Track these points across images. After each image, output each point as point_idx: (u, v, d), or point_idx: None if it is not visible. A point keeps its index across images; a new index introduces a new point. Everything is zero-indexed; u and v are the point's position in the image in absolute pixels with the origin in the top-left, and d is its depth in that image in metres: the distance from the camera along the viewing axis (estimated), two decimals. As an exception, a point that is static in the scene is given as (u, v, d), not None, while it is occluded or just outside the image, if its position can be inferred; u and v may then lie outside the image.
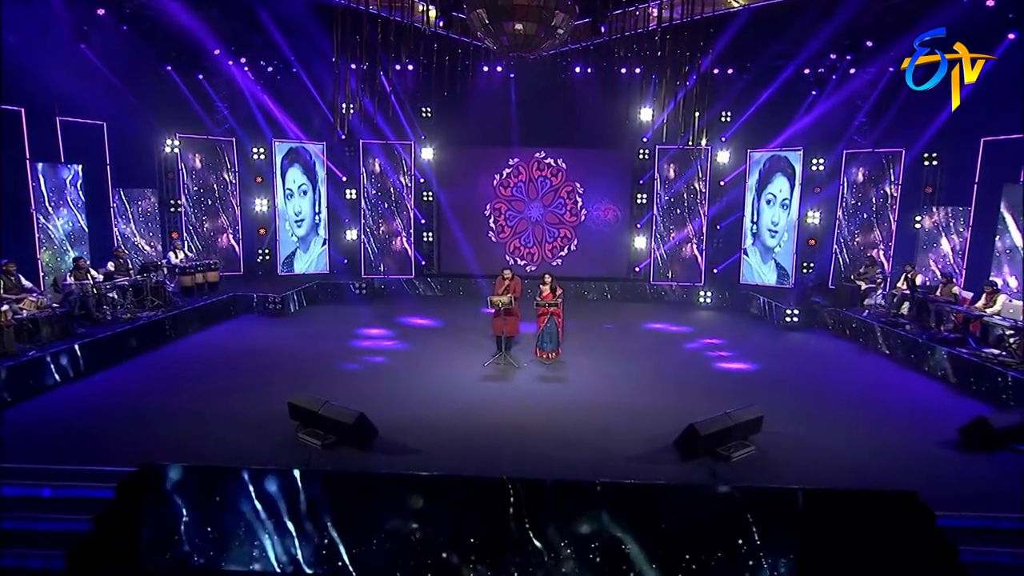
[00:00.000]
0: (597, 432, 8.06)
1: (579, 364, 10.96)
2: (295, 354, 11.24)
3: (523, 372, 10.46)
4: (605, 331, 13.56)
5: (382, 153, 16.91)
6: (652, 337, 13.22)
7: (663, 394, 9.59)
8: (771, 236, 16.59)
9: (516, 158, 17.39)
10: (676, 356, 11.74)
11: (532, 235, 17.80)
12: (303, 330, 12.93)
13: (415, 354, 11.46)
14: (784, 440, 7.85)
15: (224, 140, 16.07)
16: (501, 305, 10.48)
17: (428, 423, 8.22)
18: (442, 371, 10.45)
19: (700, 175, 16.80)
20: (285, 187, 16.69)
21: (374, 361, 11.00)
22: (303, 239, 17.10)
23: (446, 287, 17.28)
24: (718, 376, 10.54)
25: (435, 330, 13.32)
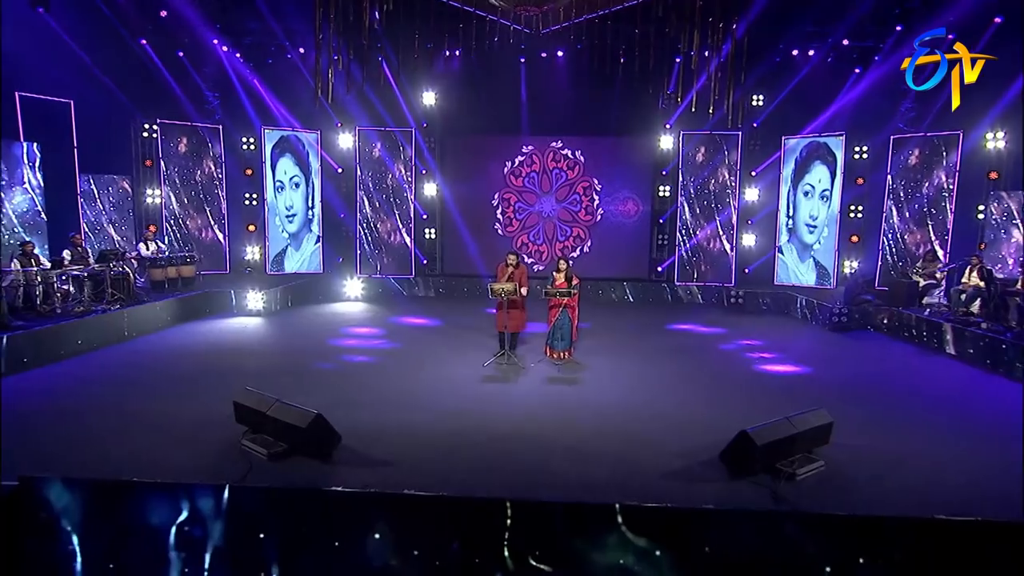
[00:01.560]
0: (619, 442, 6.42)
1: (596, 365, 9.34)
2: (267, 353, 9.74)
3: (529, 373, 8.86)
4: (625, 331, 11.93)
5: (380, 142, 15.53)
6: (680, 337, 11.56)
7: (698, 398, 7.92)
8: (809, 232, 14.92)
9: (530, 146, 15.94)
10: (710, 357, 10.08)
11: (543, 231, 16.27)
12: (283, 329, 11.45)
13: (406, 353, 9.91)
14: (859, 454, 6.15)
15: (209, 127, 14.79)
16: (503, 294, 8.91)
17: (408, 429, 6.64)
18: (434, 371, 8.88)
19: (728, 164, 15.21)
20: (275, 179, 15.36)
21: (356, 360, 9.46)
22: (295, 236, 15.72)
23: (449, 287, 15.77)
24: (762, 379, 8.86)
25: (432, 329, 11.77)
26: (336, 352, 9.82)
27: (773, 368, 9.41)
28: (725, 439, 6.00)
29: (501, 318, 9.28)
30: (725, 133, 15.02)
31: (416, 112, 15.50)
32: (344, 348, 10.11)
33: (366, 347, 10.22)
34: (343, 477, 5.52)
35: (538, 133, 15.80)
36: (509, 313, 9.24)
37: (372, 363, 9.35)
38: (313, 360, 9.30)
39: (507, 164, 16.04)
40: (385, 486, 5.31)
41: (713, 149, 15.24)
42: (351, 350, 10.01)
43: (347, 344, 10.38)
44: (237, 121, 15.10)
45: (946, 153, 13.40)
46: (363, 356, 9.68)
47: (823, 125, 14.52)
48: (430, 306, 14.21)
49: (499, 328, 9.45)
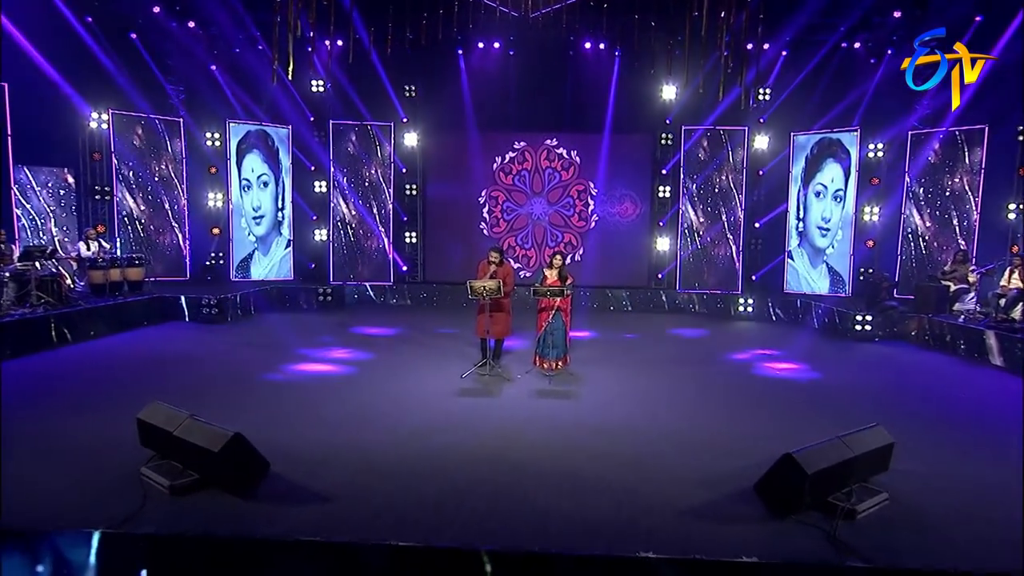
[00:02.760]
0: (626, 470, 5.15)
1: (594, 377, 8.09)
2: (210, 364, 8.42)
3: (515, 386, 7.59)
4: (625, 340, 10.69)
5: (357, 137, 14.35)
6: (686, 346, 10.33)
7: (716, 415, 6.67)
8: (821, 235, 13.79)
9: (522, 142, 14.80)
10: (723, 368, 8.84)
11: (531, 235, 15.07)
12: (238, 339, 10.13)
13: (373, 365, 8.61)
14: (927, 483, 4.92)
15: (168, 120, 13.56)
16: (485, 292, 7.66)
17: (360, 455, 5.35)
18: (403, 384, 7.60)
19: (732, 162, 14.11)
20: (242, 177, 14.11)
21: (312, 372, 8.15)
22: (263, 239, 14.43)
23: (431, 295, 14.50)
24: (786, 392, 7.62)
25: (407, 339, 10.49)
26: (292, 362, 8.51)
27: (796, 380, 8.17)
28: (755, 464, 4.77)
29: (483, 322, 8.02)
30: (730, 128, 13.94)
31: (395, 106, 14.35)
32: (302, 358, 8.80)
33: (328, 358, 8.92)
34: (266, 518, 4.22)
35: (529, 129, 14.67)
36: (492, 316, 7.99)
37: (331, 375, 8.04)
38: (261, 372, 7.98)
39: (497, 160, 14.88)
40: (320, 531, 4.03)
41: (717, 145, 14.14)
42: (309, 360, 8.70)
43: (306, 354, 9.07)
44: (200, 114, 13.88)
45: (970, 149, 12.34)
46: (322, 367, 8.37)
47: (836, 120, 13.46)
48: (408, 315, 12.93)
49: (480, 334, 8.19)
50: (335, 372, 8.16)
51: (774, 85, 13.84)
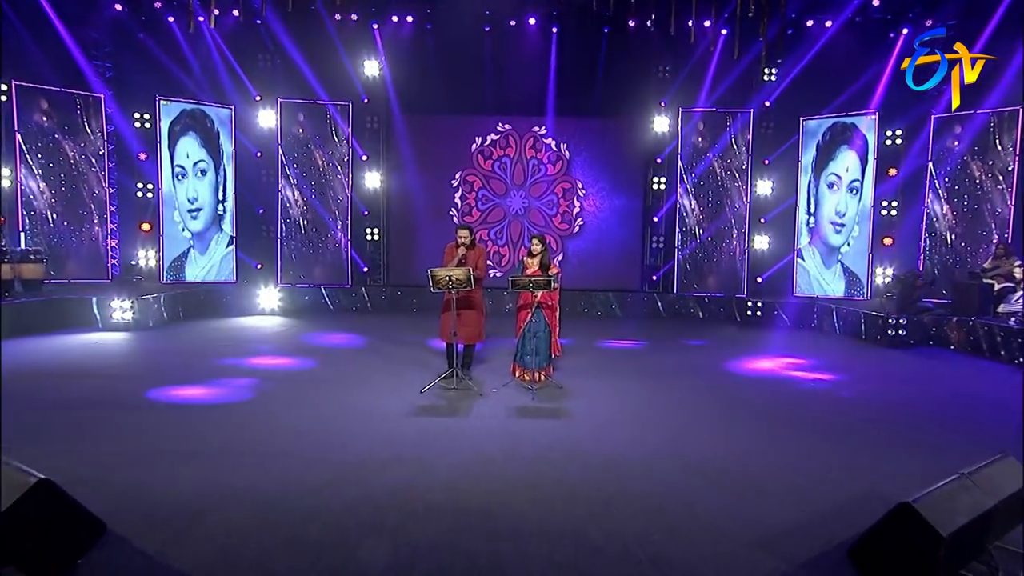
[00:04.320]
0: (645, 524, 3.70)
1: (586, 390, 6.63)
2: (98, 380, 6.77)
3: (489, 402, 6.10)
4: (620, 348, 9.27)
5: (310, 119, 12.83)
6: (692, 355, 8.93)
7: (753, 441, 5.24)
8: (836, 232, 12.55)
9: (508, 125, 13.40)
10: (742, 380, 7.42)
11: (507, 231, 13.63)
12: (150, 347, 8.50)
13: (314, 377, 7.05)
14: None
15: (88, 96, 11.91)
16: (450, 283, 6.17)
17: (260, 506, 3.82)
18: (347, 401, 6.06)
19: (735, 148, 12.86)
20: (174, 163, 12.48)
21: (232, 387, 6.56)
22: (200, 236, 12.78)
23: (395, 299, 12.96)
24: (829, 408, 6.22)
25: (362, 347, 8.96)
26: (209, 376, 6.90)
27: (835, 394, 6.78)
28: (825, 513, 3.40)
29: (448, 323, 6.52)
30: (734, 111, 12.70)
31: (355, 84, 12.88)
32: (223, 370, 7.20)
33: (258, 369, 7.34)
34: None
35: (513, 112, 13.30)
36: (460, 316, 6.50)
37: (256, 390, 6.46)
38: (161, 388, 6.37)
39: (477, 140, 13.44)
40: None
41: (718, 130, 12.88)
42: (233, 372, 7.10)
43: (230, 365, 7.47)
44: (126, 89, 12.27)
45: (1004, 132, 11.21)
46: (246, 382, 6.77)
47: (850, 102, 12.27)
48: (366, 321, 11.37)
49: (445, 338, 6.69)
50: (261, 388, 6.58)
51: (781, 63, 12.64)
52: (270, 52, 12.65)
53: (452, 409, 5.91)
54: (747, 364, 8.25)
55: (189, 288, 11.89)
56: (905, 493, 3.01)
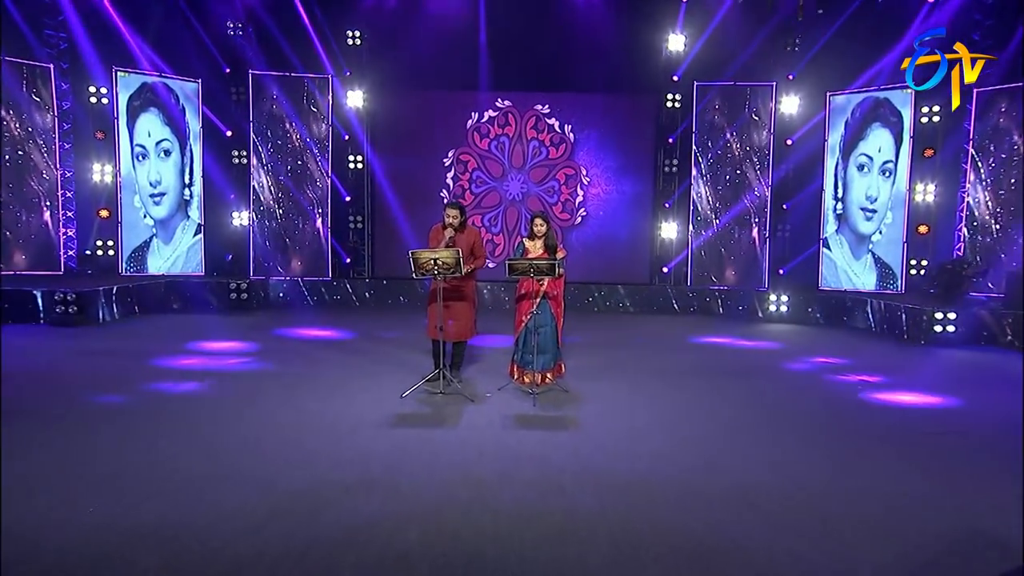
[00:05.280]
0: (678, 563, 2.86)
1: (596, 394, 5.81)
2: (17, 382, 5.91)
3: (482, 409, 5.28)
4: (631, 345, 8.46)
5: (285, 94, 11.98)
6: (715, 354, 8.10)
7: (809, 457, 4.41)
8: (866, 218, 11.74)
9: (507, 101, 12.57)
10: (778, 382, 6.60)
11: (503, 217, 12.81)
12: (96, 346, 7.63)
13: (276, 379, 6.20)
14: None
15: (35, 66, 11.02)
16: (436, 268, 5.34)
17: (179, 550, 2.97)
18: (314, 408, 5.23)
19: (757, 126, 12.06)
20: (134, 143, 11.62)
21: (178, 391, 5.71)
22: (163, 223, 11.92)
23: (380, 293, 12.13)
24: (886, 418, 5.40)
25: (338, 344, 8.12)
26: (150, 378, 6.05)
27: (894, 400, 5.96)
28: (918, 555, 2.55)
29: (434, 316, 5.68)
30: (754, 85, 11.90)
31: (336, 54, 12.05)
32: (168, 372, 6.34)
33: (210, 370, 6.49)
34: None
35: (512, 88, 12.47)
36: (448, 308, 5.68)
37: (202, 396, 5.61)
38: (94, 391, 5.53)
39: (473, 116, 12.60)
40: None
41: (736, 107, 12.08)
42: (179, 374, 6.25)
43: (183, 365, 6.62)
44: (79, 59, 11.39)
45: (1054, 106, 10.41)
46: (194, 385, 5.93)
47: (883, 75, 11.46)
48: (347, 316, 10.54)
49: (431, 334, 5.85)
50: (209, 393, 5.73)
51: (805, 32, 11.84)
52: (240, 19, 11.78)
53: (437, 418, 5.07)
54: (779, 364, 7.44)
55: (150, 281, 11.03)
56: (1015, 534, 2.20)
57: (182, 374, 6.25)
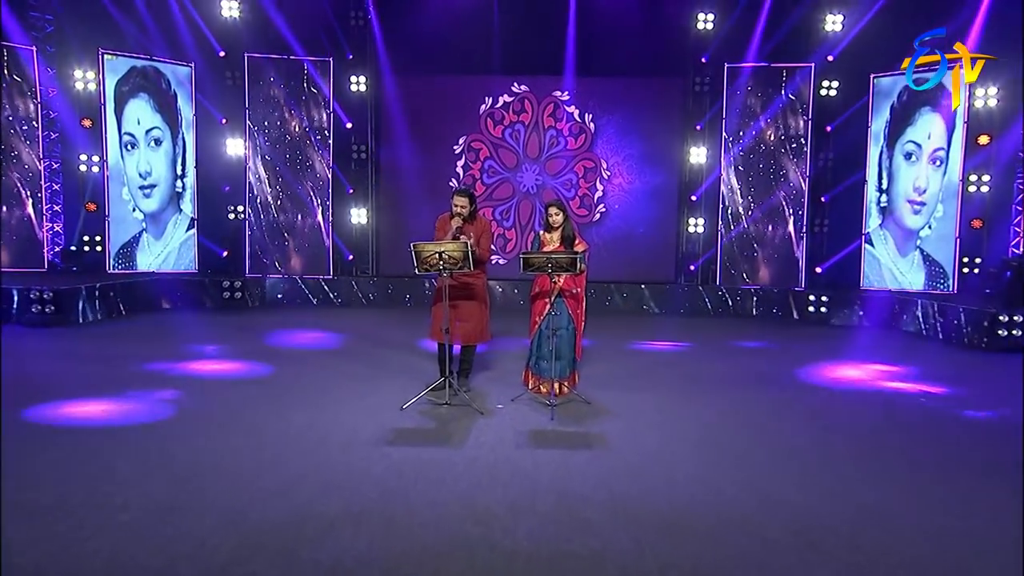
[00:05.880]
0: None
1: (621, 406, 5.33)
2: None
3: (492, 423, 4.80)
4: (660, 351, 7.94)
5: (283, 79, 11.58)
6: (754, 359, 7.58)
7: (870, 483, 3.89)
8: (914, 212, 11.16)
9: (524, 86, 12.12)
10: (828, 394, 6.05)
11: (515, 211, 12.34)
12: (68, 347, 7.23)
13: (263, 389, 5.76)
14: None
15: (16, 48, 10.67)
16: (441, 262, 4.87)
17: None
18: (299, 422, 4.77)
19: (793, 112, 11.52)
20: (122, 131, 11.26)
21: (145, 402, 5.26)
22: (154, 217, 11.55)
23: (385, 293, 11.71)
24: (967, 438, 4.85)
25: (338, 349, 7.69)
26: (122, 387, 5.61)
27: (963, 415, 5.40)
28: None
29: (439, 316, 5.21)
30: (790, 66, 11.38)
31: (337, 35, 11.63)
32: (144, 379, 5.90)
33: (191, 377, 6.05)
34: None
35: (529, 72, 12.00)
36: (456, 307, 5.21)
37: (176, 408, 5.16)
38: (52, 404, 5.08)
39: (486, 101, 12.15)
40: None
41: (771, 91, 11.55)
42: (156, 382, 5.80)
43: (155, 371, 6.18)
44: (63, 41, 11.05)
45: None
46: (169, 394, 5.48)
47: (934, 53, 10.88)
48: (348, 317, 10.13)
49: (435, 336, 5.38)
50: (185, 404, 5.28)
51: (847, 8, 11.27)
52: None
53: (442, 434, 4.59)
54: (825, 372, 6.89)
55: (138, 278, 10.67)
56: None
57: (157, 381, 5.81)
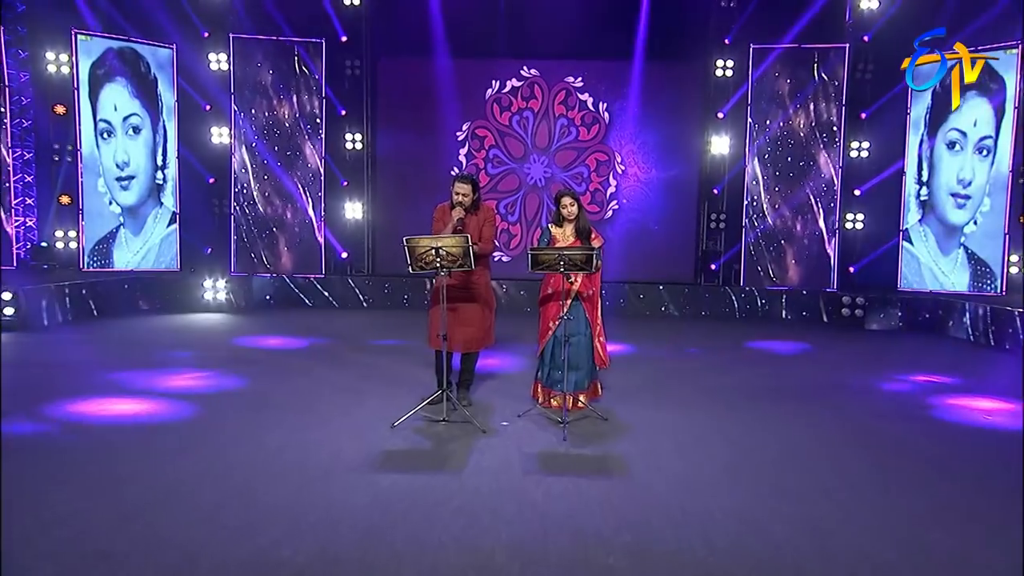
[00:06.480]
0: None
1: (643, 423, 4.87)
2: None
3: (495, 443, 4.35)
4: (685, 358, 7.48)
5: (272, 62, 11.17)
6: (790, 369, 7.09)
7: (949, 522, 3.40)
8: (958, 206, 10.67)
9: (535, 70, 11.71)
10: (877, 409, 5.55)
11: (522, 205, 11.93)
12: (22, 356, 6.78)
13: (233, 403, 5.31)
14: None
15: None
16: (438, 259, 4.40)
17: None
18: (270, 443, 4.31)
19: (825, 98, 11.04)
20: (98, 118, 10.87)
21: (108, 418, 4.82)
22: (132, 211, 11.16)
23: (381, 293, 11.31)
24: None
25: (325, 355, 7.22)
26: (78, 400, 5.16)
27: None
28: None
29: (436, 321, 4.74)
30: (821, 47, 10.91)
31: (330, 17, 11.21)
32: (105, 392, 5.45)
33: (161, 389, 5.59)
34: None
35: (539, 56, 11.60)
36: (455, 310, 4.75)
37: (138, 424, 4.71)
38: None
39: (493, 85, 11.75)
40: None
41: (800, 75, 11.08)
42: (118, 397, 5.34)
43: (123, 383, 5.73)
44: (35, 22, 10.67)
45: None
46: (133, 408, 5.03)
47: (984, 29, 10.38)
48: (340, 319, 9.72)
49: (433, 343, 4.91)
50: (150, 420, 4.83)
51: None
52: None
53: (437, 458, 4.11)
54: (869, 382, 6.39)
55: (114, 278, 10.28)
56: None
57: (113, 394, 5.36)
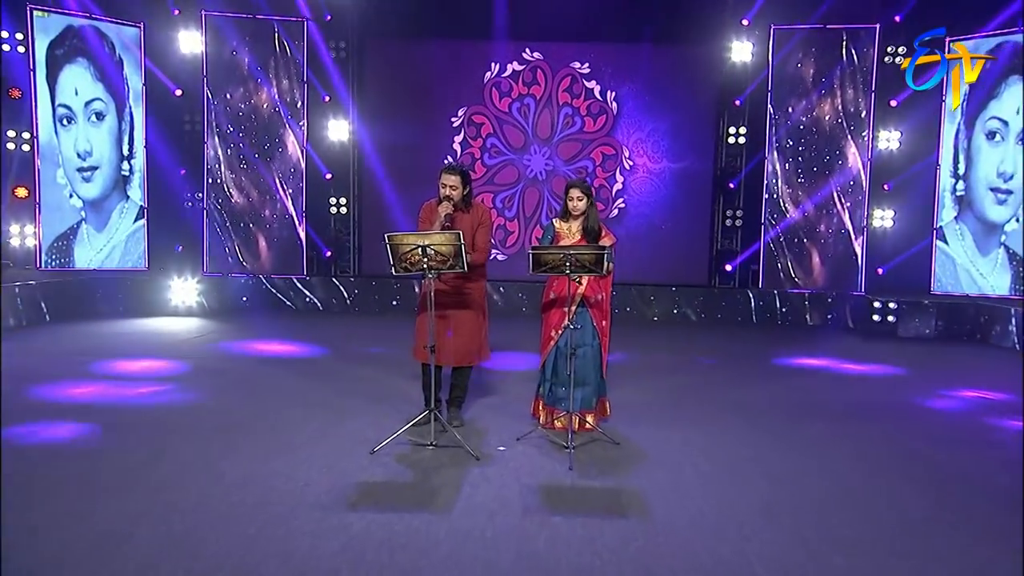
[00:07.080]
0: None
1: (660, 448, 4.48)
2: None
3: (490, 473, 3.92)
4: (702, 370, 7.08)
5: (247, 43, 10.79)
6: (820, 384, 6.67)
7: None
8: (998, 202, 10.36)
9: (538, 53, 11.40)
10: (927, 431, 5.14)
11: (520, 200, 11.54)
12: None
13: (187, 420, 4.86)
14: None
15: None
16: (425, 260, 3.96)
17: None
18: (226, 471, 3.87)
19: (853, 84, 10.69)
20: (56, 103, 10.46)
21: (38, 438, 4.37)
22: (96, 205, 10.75)
23: (367, 295, 10.97)
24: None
25: (299, 364, 6.79)
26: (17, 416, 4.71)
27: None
28: None
29: (424, 330, 4.31)
30: (850, 28, 10.58)
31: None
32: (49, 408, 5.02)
33: (114, 402, 5.16)
34: None
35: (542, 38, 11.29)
36: (445, 318, 4.36)
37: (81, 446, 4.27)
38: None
39: (493, 67, 11.39)
40: None
41: (826, 59, 10.73)
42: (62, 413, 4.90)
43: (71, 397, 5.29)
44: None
45: None
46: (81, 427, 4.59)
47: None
48: (321, 324, 9.35)
49: (419, 356, 4.49)
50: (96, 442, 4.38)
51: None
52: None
53: (423, 492, 3.66)
54: (912, 399, 5.97)
55: (73, 278, 9.88)
56: None
57: (61, 411, 4.91)
